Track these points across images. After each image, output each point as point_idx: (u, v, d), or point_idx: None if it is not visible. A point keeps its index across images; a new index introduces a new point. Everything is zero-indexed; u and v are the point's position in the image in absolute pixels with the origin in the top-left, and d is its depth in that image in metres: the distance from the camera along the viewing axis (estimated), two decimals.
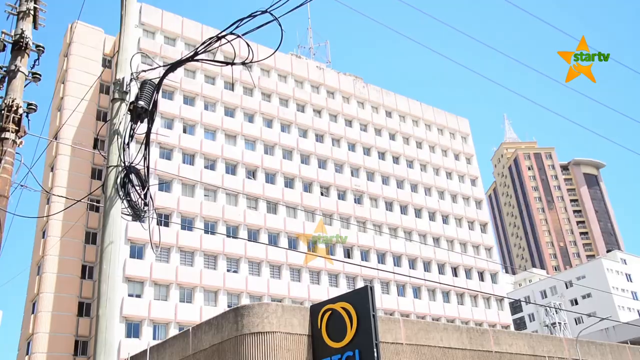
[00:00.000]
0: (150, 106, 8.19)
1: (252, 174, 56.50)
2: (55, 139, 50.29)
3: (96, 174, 52.05)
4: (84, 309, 47.77)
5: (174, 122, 53.79)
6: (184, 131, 54.25)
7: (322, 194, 59.46)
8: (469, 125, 76.18)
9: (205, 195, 52.74)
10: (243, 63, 7.88)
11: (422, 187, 66.87)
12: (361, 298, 23.17)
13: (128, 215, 7.56)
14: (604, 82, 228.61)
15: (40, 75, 9.43)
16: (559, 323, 61.74)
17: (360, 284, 54.90)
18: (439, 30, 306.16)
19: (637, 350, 37.15)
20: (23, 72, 9.23)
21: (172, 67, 8.15)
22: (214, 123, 55.90)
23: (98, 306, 6.18)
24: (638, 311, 77.91)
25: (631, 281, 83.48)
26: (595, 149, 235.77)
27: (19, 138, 8.97)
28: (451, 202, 68.32)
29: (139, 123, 8.18)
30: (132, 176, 7.76)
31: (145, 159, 8.09)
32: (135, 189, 7.71)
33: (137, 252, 47.47)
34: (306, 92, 63.93)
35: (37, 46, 9.62)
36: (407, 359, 25.83)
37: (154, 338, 43.90)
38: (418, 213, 65.06)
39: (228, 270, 50.79)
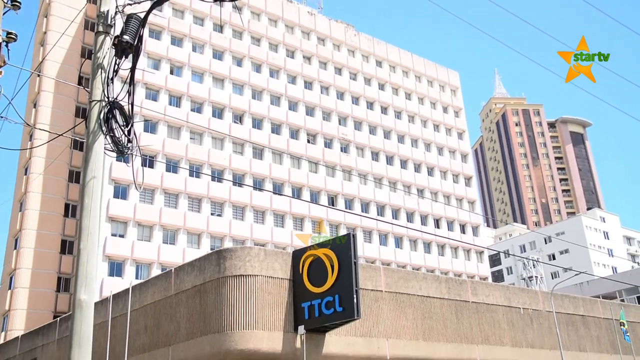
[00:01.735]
0: (136, 41, 7.98)
1: (239, 118, 56.06)
2: (38, 74, 49.29)
3: (80, 112, 51.33)
4: (66, 247, 47.93)
5: (160, 62, 52.86)
6: (171, 72, 53.40)
7: (308, 142, 59.30)
8: (459, 79, 75.74)
9: (191, 138, 52.38)
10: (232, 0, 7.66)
11: (409, 138, 66.89)
12: (343, 245, 23.42)
13: (111, 151, 7.46)
14: (596, 43, 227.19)
15: (19, 3, 9.10)
16: (535, 277, 63.16)
17: (343, 232, 55.43)
18: None
19: (608, 304, 38.23)
20: None
21: (159, 0, 7.91)
22: (201, 65, 55.02)
23: (79, 240, 6.15)
24: (612, 267, 79.83)
25: (608, 239, 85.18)
26: (583, 108, 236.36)
27: None
28: (437, 154, 68.55)
29: (123, 58, 7.98)
30: (116, 112, 7.61)
31: (129, 95, 7.93)
32: (118, 125, 7.59)
33: (121, 192, 47.37)
34: (296, 37, 62.90)
35: None
36: (386, 306, 26.35)
37: (137, 277, 44.32)
38: (404, 164, 65.28)
39: (212, 214, 50.96)
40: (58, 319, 34.11)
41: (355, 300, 22.18)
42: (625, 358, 35.68)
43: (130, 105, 7.83)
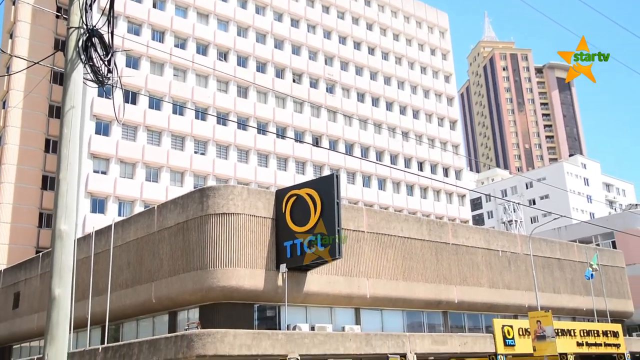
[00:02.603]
0: None
1: (223, 55, 54.98)
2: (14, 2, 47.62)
3: (59, 45, 49.94)
4: (48, 183, 47.52)
5: None
6: (154, 6, 51.84)
7: (294, 81, 58.55)
8: (448, 21, 74.57)
9: (174, 75, 51.43)
10: None
11: (395, 80, 66.29)
12: (326, 185, 23.47)
13: (91, 81, 7.21)
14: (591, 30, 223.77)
15: None
16: (515, 221, 64.17)
17: (326, 173, 55.48)
18: None
19: (584, 248, 39.13)
20: None
21: None
22: None
23: (59, 170, 6.00)
24: (590, 213, 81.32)
25: (588, 185, 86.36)
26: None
27: None
28: (423, 97, 68.17)
29: None
30: (95, 41, 7.32)
31: (109, 23, 7.62)
32: (98, 54, 7.31)
33: (103, 128, 46.74)
34: None
35: None
36: (368, 246, 26.70)
37: (119, 215, 44.29)
38: (389, 106, 64.92)
39: (195, 152, 50.64)
40: (40, 253, 34.16)
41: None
42: (597, 300, 36.78)
43: (110, 34, 7.53)
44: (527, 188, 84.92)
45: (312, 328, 23.37)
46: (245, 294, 22.83)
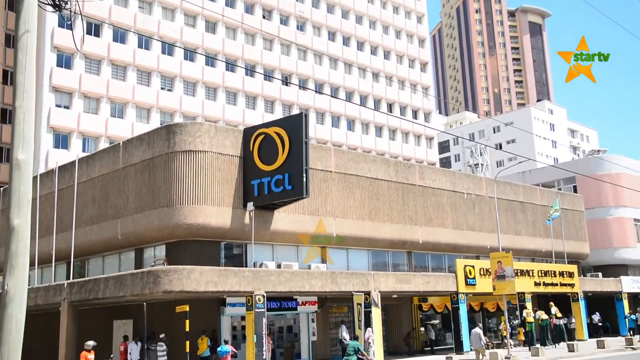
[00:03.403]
0: None
1: None
2: None
3: None
4: (7, 116, 46.13)
5: None
6: None
7: (264, 17, 57.11)
8: None
9: (140, 7, 49.60)
10: None
11: (367, 19, 65.21)
12: (295, 124, 23.30)
13: (47, 4, 6.81)
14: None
15: None
16: (481, 164, 64.93)
17: (295, 112, 54.97)
18: None
19: (546, 191, 40.07)
20: None
21: None
22: None
23: (14, 98, 5.72)
24: (554, 158, 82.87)
25: (554, 130, 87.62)
26: None
27: None
28: (395, 37, 67.38)
29: None
30: None
31: None
32: None
33: (64, 61, 45.16)
34: None
35: None
36: (335, 186, 26.82)
37: (84, 151, 43.42)
38: (360, 46, 64.07)
39: (162, 88, 49.52)
40: (1, 189, 33.47)
41: (304, 179, 22.43)
42: (555, 242, 37.93)
43: None
44: (494, 132, 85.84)
45: (279, 266, 23.64)
46: (212, 231, 22.86)
